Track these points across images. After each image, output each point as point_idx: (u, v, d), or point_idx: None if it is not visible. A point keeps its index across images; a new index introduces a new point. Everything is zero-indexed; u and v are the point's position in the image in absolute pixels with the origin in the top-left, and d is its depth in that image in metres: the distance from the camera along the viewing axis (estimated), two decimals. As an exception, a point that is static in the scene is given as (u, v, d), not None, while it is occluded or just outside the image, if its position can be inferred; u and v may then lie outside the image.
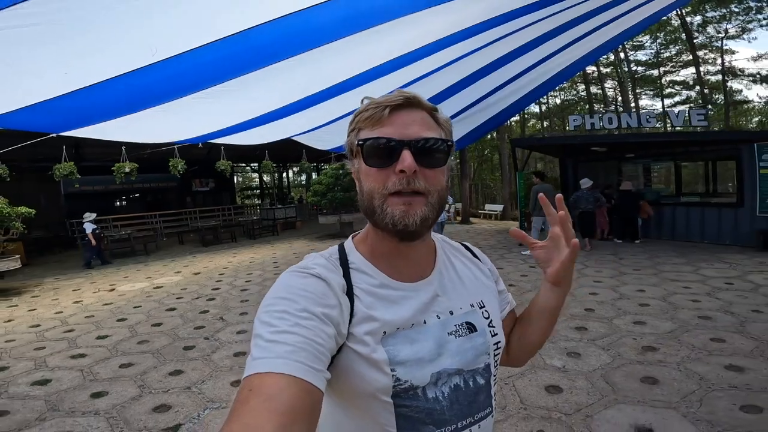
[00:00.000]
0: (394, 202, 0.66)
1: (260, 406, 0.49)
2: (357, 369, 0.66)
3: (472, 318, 0.76)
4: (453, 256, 0.83)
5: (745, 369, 3.16)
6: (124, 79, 2.73)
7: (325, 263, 0.71)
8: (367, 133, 0.69)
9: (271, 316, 0.60)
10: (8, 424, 2.97)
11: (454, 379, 0.71)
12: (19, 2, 1.83)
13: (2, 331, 5.42)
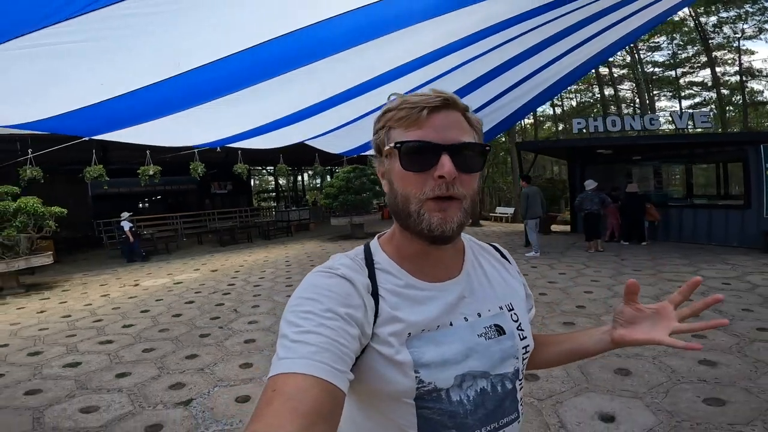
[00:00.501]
0: (431, 207, 0.65)
1: (283, 406, 0.49)
2: (380, 370, 0.65)
3: (500, 320, 0.75)
4: (482, 257, 0.82)
5: (718, 364, 3.34)
6: (151, 89, 3.10)
7: (351, 263, 0.71)
8: (402, 134, 0.67)
9: (297, 316, 0.60)
10: (41, 401, 3.37)
11: (480, 382, 0.70)
12: (61, 21, 2.16)
13: (36, 321, 5.92)
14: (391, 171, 0.70)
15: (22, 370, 4.03)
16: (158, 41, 2.69)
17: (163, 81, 3.09)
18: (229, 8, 2.56)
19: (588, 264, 7.69)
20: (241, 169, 9.62)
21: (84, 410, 3.17)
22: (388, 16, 3.31)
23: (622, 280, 6.36)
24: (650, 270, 6.93)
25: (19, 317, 6.19)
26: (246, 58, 3.14)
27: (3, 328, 5.59)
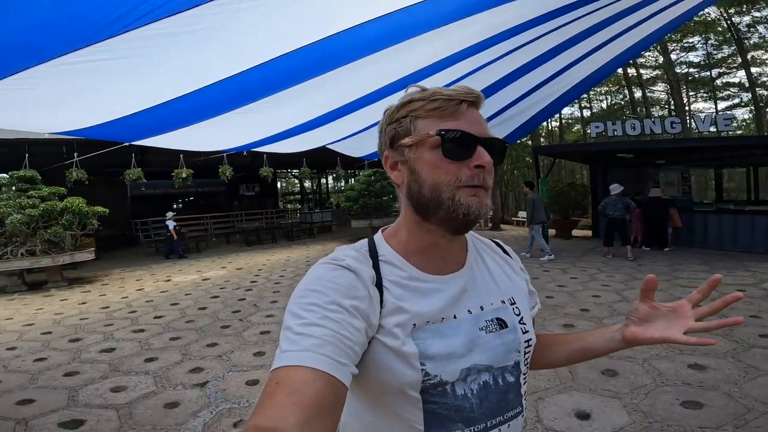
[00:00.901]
0: (467, 193, 0.67)
1: (286, 399, 0.50)
2: (385, 362, 0.65)
3: (502, 314, 0.76)
4: (484, 252, 0.83)
5: (708, 368, 3.41)
6: (181, 100, 3.39)
7: (355, 254, 0.71)
8: (437, 124, 0.68)
9: (301, 308, 0.60)
10: (77, 382, 3.79)
11: (483, 375, 0.70)
12: (104, 39, 2.25)
13: (77, 311, 6.51)
14: (418, 160, 0.69)
15: (62, 355, 4.51)
16: (186, 57, 2.99)
17: (191, 93, 3.44)
18: (251, 25, 2.75)
19: (602, 269, 7.69)
20: (267, 173, 10.10)
21: (114, 389, 3.57)
22: (407, 23, 3.32)
23: (633, 285, 6.37)
24: (666, 276, 6.88)
25: (62, 308, 6.81)
26: (268, 69, 3.40)
27: (47, 318, 6.19)
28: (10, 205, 8.40)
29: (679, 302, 0.75)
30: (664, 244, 9.41)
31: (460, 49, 4.16)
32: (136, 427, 2.93)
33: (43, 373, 4.01)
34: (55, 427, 2.97)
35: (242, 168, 13.65)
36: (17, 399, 3.41)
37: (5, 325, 5.87)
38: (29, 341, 5.04)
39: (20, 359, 4.40)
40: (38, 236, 8.58)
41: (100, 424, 2.99)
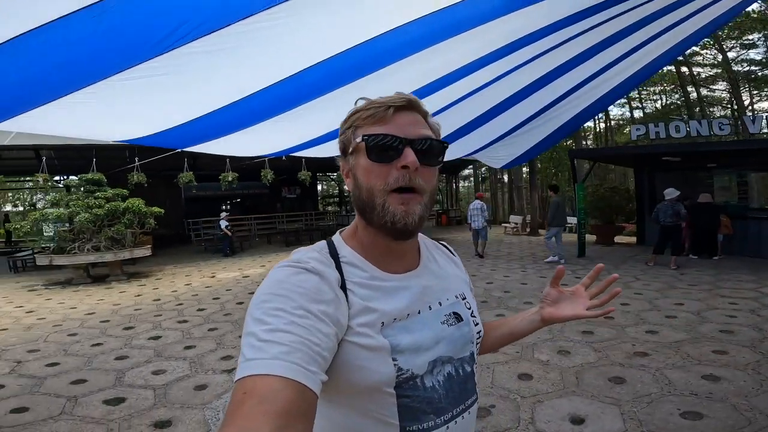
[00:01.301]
0: (395, 200, 0.68)
1: (255, 409, 0.48)
2: (358, 362, 0.65)
3: (457, 308, 0.80)
4: (434, 252, 0.88)
5: (722, 379, 3.33)
6: (224, 110, 3.71)
7: (318, 256, 0.71)
8: (369, 130, 0.70)
9: (266, 314, 0.59)
10: (126, 365, 4.26)
11: (446, 367, 0.73)
12: (155, 56, 2.49)
13: (133, 303, 7.20)
14: (356, 166, 0.73)
15: (116, 341, 5.06)
16: (223, 72, 3.29)
17: (231, 104, 3.79)
18: (276, 40, 2.86)
19: (640, 277, 7.43)
20: (305, 176, 10.57)
21: (154, 372, 4.01)
22: (440, 26, 3.34)
23: (669, 294, 6.14)
24: (707, 285, 6.57)
25: (120, 299, 7.55)
26: (297, 80, 3.65)
27: (106, 308, 6.90)
28: (79, 205, 9.39)
29: (576, 287, 0.93)
30: (713, 252, 8.90)
31: (486, 53, 4.09)
32: (167, 405, 3.32)
33: (98, 356, 4.54)
34: (99, 403, 3.39)
35: (283, 171, 14.26)
36: (72, 379, 3.90)
37: (70, 313, 6.62)
38: (89, 328, 5.68)
39: (79, 344, 4.99)
40: (103, 233, 9.50)
41: (138, 402, 3.39)
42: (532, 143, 8.04)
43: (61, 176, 16.19)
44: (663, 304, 5.66)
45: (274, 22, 2.63)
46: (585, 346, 4.18)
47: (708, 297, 5.90)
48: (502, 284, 7.39)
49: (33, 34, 1.93)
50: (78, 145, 11.84)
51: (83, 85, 2.54)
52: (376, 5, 2.93)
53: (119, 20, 2.09)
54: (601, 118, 24.98)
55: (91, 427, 3.01)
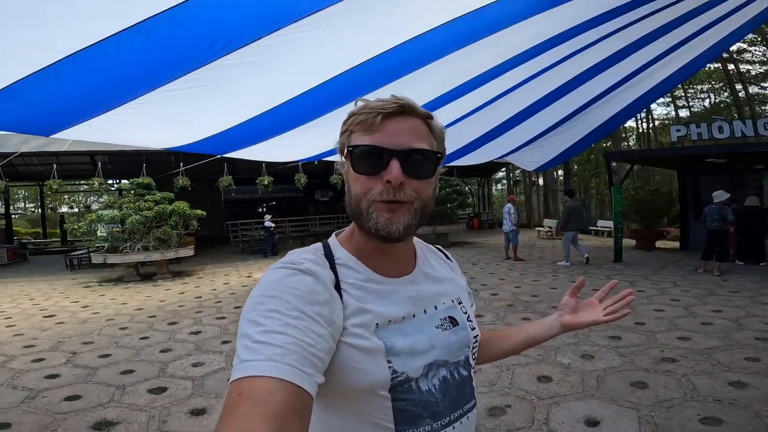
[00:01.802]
0: (380, 207, 0.67)
1: (250, 410, 0.49)
2: (353, 364, 0.65)
3: (453, 313, 0.79)
4: (430, 257, 0.87)
5: (749, 386, 3.26)
6: (259, 118, 3.86)
7: (313, 258, 0.71)
8: (358, 139, 0.68)
9: (260, 315, 0.59)
10: (169, 357, 4.60)
11: (441, 371, 0.73)
12: (196, 68, 2.63)
13: (177, 299, 7.69)
14: (348, 172, 0.72)
15: (161, 335, 5.46)
16: (257, 82, 3.46)
17: (265, 112, 4.03)
18: (305, 51, 2.91)
19: (679, 283, 7.17)
20: (336, 180, 10.86)
21: (194, 365, 4.32)
22: (468, 30, 3.36)
23: (708, 301, 5.93)
24: (749, 293, 6.28)
25: (165, 296, 8.08)
26: (325, 88, 3.81)
27: (154, 304, 7.42)
28: (131, 207, 10.10)
29: (591, 299, 0.98)
30: (760, 257, 8.45)
31: (518, 53, 4.03)
32: (203, 395, 3.60)
33: (145, 349, 4.92)
34: (144, 392, 3.69)
35: (316, 175, 14.68)
36: (122, 369, 4.26)
37: (121, 308, 7.16)
38: (138, 323, 6.14)
39: (129, 337, 5.41)
40: (151, 234, 10.17)
41: (178, 392, 3.68)
42: (567, 145, 7.88)
43: (114, 180, 17.38)
44: (700, 310, 5.48)
45: (301, 35, 2.77)
46: (610, 351, 4.15)
47: (749, 304, 5.65)
48: (530, 288, 7.34)
49: (92, 49, 2.18)
50: (129, 151, 12.71)
51: (133, 96, 2.78)
52: (400, 14, 2.99)
53: (164, 36, 2.29)
54: (644, 117, 24.01)
55: (135, 414, 3.28)
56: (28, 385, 3.89)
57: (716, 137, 8.76)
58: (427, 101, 4.34)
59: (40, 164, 14.67)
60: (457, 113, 4.52)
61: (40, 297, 8.45)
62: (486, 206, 23.16)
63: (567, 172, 14.55)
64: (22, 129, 2.94)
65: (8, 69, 2.13)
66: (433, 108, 4.60)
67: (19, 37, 1.99)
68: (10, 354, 4.82)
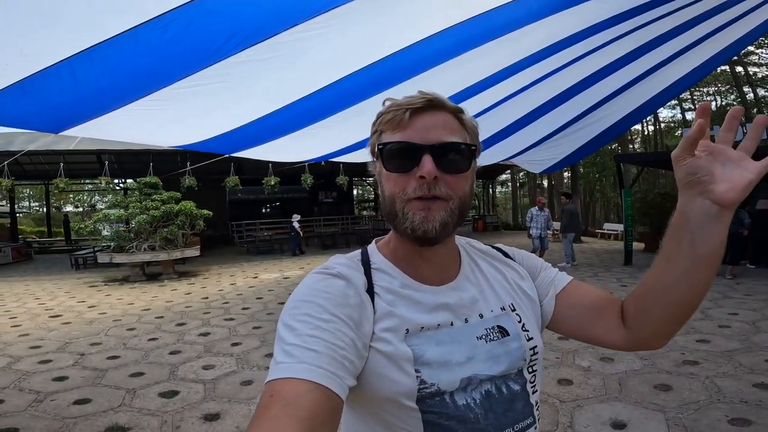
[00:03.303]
0: (415, 206, 0.65)
1: (281, 412, 0.49)
2: (379, 370, 0.63)
3: (503, 321, 0.73)
4: (479, 259, 0.81)
5: (778, 388, 3.21)
6: (268, 117, 3.68)
7: (347, 262, 0.71)
8: (388, 137, 0.67)
9: (294, 319, 0.60)
10: (179, 359, 4.53)
11: (485, 385, 0.67)
12: (210, 65, 2.62)
13: (183, 300, 7.64)
14: (381, 173, 0.70)
15: (170, 336, 5.40)
16: (268, 80, 3.42)
17: (274, 111, 3.98)
18: (317, 50, 2.93)
19: (691, 286, 7.07)
20: (342, 181, 10.83)
21: (204, 367, 4.25)
22: (478, 31, 3.36)
23: (723, 304, 5.85)
24: (764, 296, 6.20)
25: (172, 296, 8.03)
26: (335, 88, 3.75)
27: (161, 304, 7.36)
28: (138, 206, 10.07)
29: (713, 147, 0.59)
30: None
31: (526, 55, 4.06)
32: (216, 399, 3.52)
33: (154, 351, 4.85)
34: (155, 395, 3.62)
35: (322, 176, 14.67)
36: (131, 372, 4.19)
37: (128, 309, 7.10)
38: (146, 324, 6.08)
39: (137, 338, 5.35)
40: (158, 234, 10.14)
41: (190, 395, 3.61)
42: (574, 147, 7.82)
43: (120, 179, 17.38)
44: (715, 313, 5.39)
45: (313, 33, 2.71)
46: (629, 354, 4.06)
47: (765, 307, 5.58)
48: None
49: (108, 44, 2.11)
50: (136, 150, 12.69)
51: (145, 93, 2.71)
52: (411, 14, 2.98)
53: (182, 30, 2.23)
54: (649, 120, 23.92)
55: (148, 420, 3.19)
56: (35, 387, 3.82)
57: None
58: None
59: (46, 163, 14.69)
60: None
61: (45, 296, 8.42)
62: (491, 208, 23.11)
63: (574, 174, 14.48)
64: (32, 125, 2.86)
65: (22, 64, 2.08)
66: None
67: (34, 32, 1.93)
68: (16, 355, 4.76)
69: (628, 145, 16.67)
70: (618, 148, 17.30)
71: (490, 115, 5.05)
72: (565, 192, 10.71)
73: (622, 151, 16.74)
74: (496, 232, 19.77)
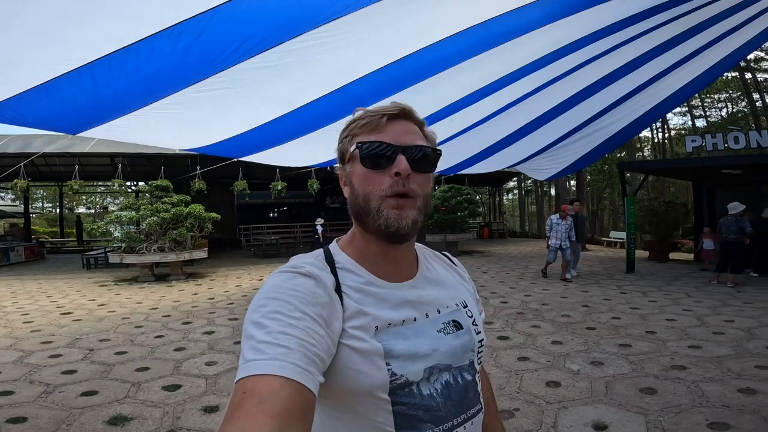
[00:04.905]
0: (390, 204, 0.69)
1: (255, 408, 0.49)
2: (352, 366, 0.66)
3: (457, 316, 0.79)
4: (434, 261, 0.88)
5: (758, 392, 3.26)
6: (276, 121, 3.69)
7: (314, 261, 0.73)
8: (365, 138, 0.72)
9: (263, 317, 0.60)
10: (183, 356, 4.68)
11: (444, 375, 0.72)
12: (221, 71, 2.69)
13: (190, 300, 7.83)
14: (352, 174, 0.75)
15: (176, 334, 5.57)
16: (276, 86, 3.50)
17: (282, 116, 4.10)
18: (323, 58, 2.97)
19: (692, 294, 7.10)
20: (348, 186, 10.95)
21: (207, 363, 4.40)
22: (480, 39, 3.39)
23: (721, 311, 5.87)
24: (763, 303, 6.22)
25: (179, 296, 8.23)
26: (340, 94, 3.86)
27: (168, 304, 7.56)
28: (149, 209, 10.32)
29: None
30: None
31: (529, 62, 4.05)
32: (216, 393, 3.67)
33: (160, 347, 5.01)
34: (159, 389, 3.77)
35: (328, 181, 14.82)
36: (137, 366, 4.34)
37: (137, 308, 7.31)
38: (153, 322, 6.27)
39: (144, 336, 5.53)
40: (168, 236, 10.37)
41: (192, 389, 3.76)
42: (580, 155, 7.84)
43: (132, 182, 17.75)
44: (712, 320, 5.43)
45: (321, 40, 2.82)
46: (620, 358, 4.14)
47: (762, 315, 5.60)
48: (540, 297, 7.32)
49: (126, 51, 2.27)
50: (148, 154, 13.00)
51: (160, 97, 2.82)
52: (415, 21, 3.03)
53: (194, 39, 2.35)
54: (659, 127, 23.79)
55: (150, 410, 3.34)
56: (45, 380, 3.99)
57: (732, 148, 8.67)
58: (441, 108, 4.35)
59: (61, 165, 15.08)
60: (469, 121, 4.56)
61: (57, 294, 8.67)
62: (497, 216, 23.09)
63: (580, 182, 14.45)
64: (51, 126, 3.01)
65: (49, 66, 2.24)
66: (446, 115, 4.63)
67: (62, 37, 2.09)
68: (28, 349, 4.96)
69: (635, 152, 16.59)
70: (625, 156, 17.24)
71: (494, 122, 5.14)
72: (575, 199, 10.45)
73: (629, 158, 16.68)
74: (502, 240, 19.76)
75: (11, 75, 2.23)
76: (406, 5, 2.79)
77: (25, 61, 2.16)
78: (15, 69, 2.23)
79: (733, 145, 8.65)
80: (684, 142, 24.68)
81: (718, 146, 8.82)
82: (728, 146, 8.70)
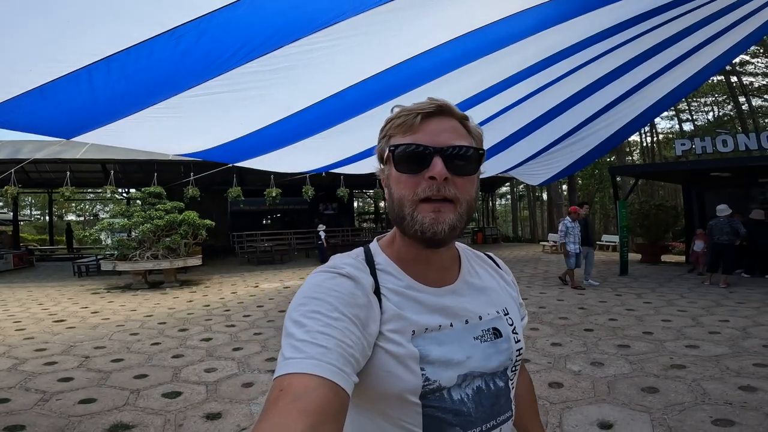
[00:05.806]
0: (424, 208, 0.67)
1: (290, 406, 0.50)
2: (386, 368, 0.66)
3: (498, 324, 0.77)
4: (477, 265, 0.85)
5: (759, 390, 3.31)
6: (271, 127, 3.78)
7: (354, 262, 0.72)
8: (399, 140, 0.69)
9: (303, 316, 0.61)
10: (182, 363, 4.63)
11: (476, 381, 0.72)
12: (218, 75, 2.72)
13: (185, 307, 7.75)
14: (389, 177, 0.72)
15: (172, 341, 5.50)
16: (272, 91, 3.37)
17: (277, 121, 4.07)
18: (319, 63, 3.04)
19: (685, 295, 7.20)
20: (343, 193, 10.97)
21: (207, 370, 4.35)
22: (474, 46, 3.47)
23: (715, 312, 5.96)
24: (756, 303, 6.33)
25: (174, 304, 8.14)
26: (336, 100, 3.62)
27: (163, 311, 7.47)
28: (142, 216, 10.22)
29: None
30: (766, 270, 8.44)
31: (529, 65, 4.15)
32: (218, 399, 3.63)
33: (157, 354, 4.95)
34: (159, 396, 3.72)
35: (322, 188, 14.80)
36: (135, 374, 4.28)
37: (131, 315, 7.22)
38: (148, 329, 6.19)
39: (140, 343, 5.46)
40: (161, 243, 10.27)
41: (192, 396, 3.71)
42: (572, 160, 7.93)
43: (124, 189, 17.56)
44: (707, 320, 5.51)
45: (318, 45, 2.80)
46: (620, 359, 4.18)
47: (756, 314, 5.69)
48: (537, 300, 7.38)
49: (126, 53, 2.22)
50: (140, 160, 12.88)
51: (158, 100, 2.83)
52: (411, 28, 3.08)
53: (194, 42, 2.36)
54: (647, 132, 24.18)
55: (151, 418, 3.29)
56: (41, 387, 3.92)
57: (720, 151, 8.85)
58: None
59: (51, 171, 14.89)
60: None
61: (48, 302, 8.54)
62: (490, 221, 23.24)
63: (571, 186, 14.61)
64: (46, 130, 2.95)
65: (46, 69, 2.21)
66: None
67: (64, 39, 2.07)
68: (22, 357, 4.87)
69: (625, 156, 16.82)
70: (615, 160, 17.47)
71: (487, 127, 5.19)
72: (584, 202, 10.10)
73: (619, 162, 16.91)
74: (495, 245, 19.89)
75: (8, 78, 2.20)
76: (401, 11, 2.79)
77: (21, 65, 2.13)
78: (12, 71, 2.19)
79: (722, 148, 8.83)
80: (672, 146, 25.16)
81: (707, 149, 9.01)
82: (717, 149, 8.88)
